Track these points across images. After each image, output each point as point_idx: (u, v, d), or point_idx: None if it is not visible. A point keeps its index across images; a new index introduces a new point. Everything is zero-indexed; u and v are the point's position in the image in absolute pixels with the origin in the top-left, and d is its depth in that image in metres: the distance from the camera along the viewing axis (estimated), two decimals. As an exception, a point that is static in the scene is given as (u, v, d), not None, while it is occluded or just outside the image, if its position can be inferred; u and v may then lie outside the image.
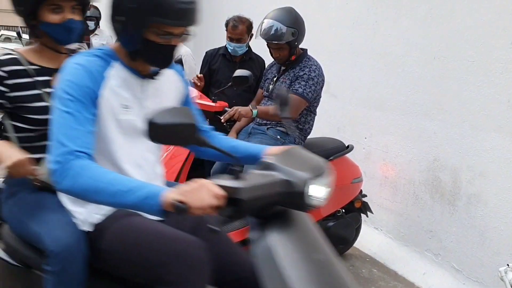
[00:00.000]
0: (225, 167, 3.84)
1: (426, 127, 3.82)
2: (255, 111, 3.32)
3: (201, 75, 4.13)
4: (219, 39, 4.91)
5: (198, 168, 4.12)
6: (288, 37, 3.40)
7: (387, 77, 4.20)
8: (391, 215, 4.22)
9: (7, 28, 22.47)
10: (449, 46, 3.61)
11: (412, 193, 3.97)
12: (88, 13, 7.05)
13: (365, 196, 4.10)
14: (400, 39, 4.06)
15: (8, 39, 17.30)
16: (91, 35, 7.24)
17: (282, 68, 3.67)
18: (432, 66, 3.75)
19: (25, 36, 10.87)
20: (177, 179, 3.43)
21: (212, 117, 3.49)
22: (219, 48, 4.36)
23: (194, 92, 3.52)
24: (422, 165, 3.86)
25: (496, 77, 3.25)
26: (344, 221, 3.94)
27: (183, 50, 4.99)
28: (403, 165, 4.06)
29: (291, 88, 3.48)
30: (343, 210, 3.99)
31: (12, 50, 2.22)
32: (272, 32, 3.41)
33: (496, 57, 3.25)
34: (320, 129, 4.77)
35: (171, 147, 3.47)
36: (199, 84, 4.04)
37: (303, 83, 3.46)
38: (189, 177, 3.83)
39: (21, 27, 8.92)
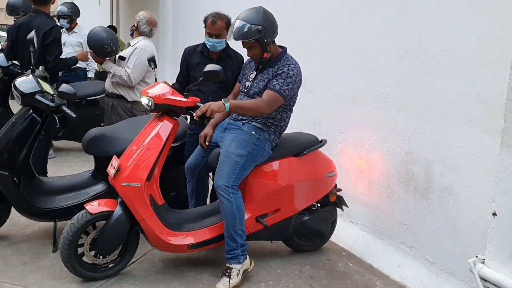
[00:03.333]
0: (198, 162, 3.85)
1: (399, 121, 3.85)
2: (227, 104, 3.32)
3: (165, 81, 4.11)
4: (199, 36, 4.89)
5: (178, 164, 4.14)
6: (254, 34, 3.42)
7: (361, 72, 4.22)
8: (366, 209, 4.25)
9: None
10: (420, 40, 3.64)
11: (386, 187, 4.00)
12: (61, 12, 7.02)
13: (340, 190, 4.13)
14: (373, 34, 4.09)
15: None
16: (69, 33, 7.20)
17: (261, 66, 3.67)
18: (404, 61, 3.78)
19: (1, 34, 10.80)
20: (151, 171, 3.43)
21: (185, 112, 3.49)
22: (198, 45, 4.35)
23: (166, 88, 3.51)
24: (395, 159, 3.90)
25: (465, 71, 3.29)
26: (319, 215, 3.98)
27: (140, 44, 4.99)
28: (377, 159, 4.09)
29: (268, 85, 3.48)
30: (318, 204, 4.03)
31: None
32: (239, 31, 3.44)
33: (465, 51, 3.29)
34: (296, 124, 4.78)
35: (146, 141, 3.47)
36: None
37: (281, 80, 3.47)
38: (167, 172, 3.84)
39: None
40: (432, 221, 3.58)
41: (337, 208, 4.12)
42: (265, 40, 3.47)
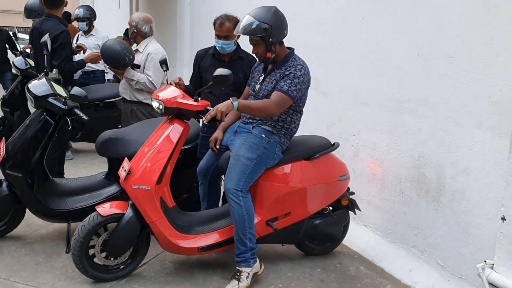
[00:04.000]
0: (210, 166, 3.86)
1: (411, 124, 3.81)
2: (235, 103, 3.31)
3: (179, 77, 4.14)
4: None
5: (190, 166, 4.16)
6: (260, 32, 3.41)
7: (374, 74, 4.20)
8: (379, 212, 4.22)
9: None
10: (432, 42, 3.60)
11: (398, 190, 3.96)
12: (80, 15, 7.11)
13: (352, 193, 4.10)
14: (386, 36, 4.06)
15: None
16: (86, 36, 7.29)
17: (269, 68, 3.67)
18: (416, 63, 3.74)
19: (21, 36, 10.99)
20: (162, 174, 3.45)
21: (195, 116, 3.50)
22: (209, 48, 4.37)
23: (177, 92, 3.53)
24: (408, 162, 3.86)
25: (477, 73, 3.24)
26: (331, 219, 3.95)
27: (151, 48, 5.01)
28: (390, 162, 4.06)
29: (276, 86, 3.48)
30: (330, 208, 4.00)
31: None
32: (246, 27, 3.43)
33: (477, 53, 3.24)
34: (309, 127, 4.78)
35: (156, 144, 3.49)
36: (179, 83, 4.05)
37: (288, 81, 3.46)
38: (179, 174, 3.87)
39: (17, 27, 9.01)
40: (444, 225, 3.53)
41: (350, 212, 4.10)
42: (270, 39, 3.46)
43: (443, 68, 3.50)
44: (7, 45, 8.89)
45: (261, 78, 3.69)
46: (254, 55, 3.64)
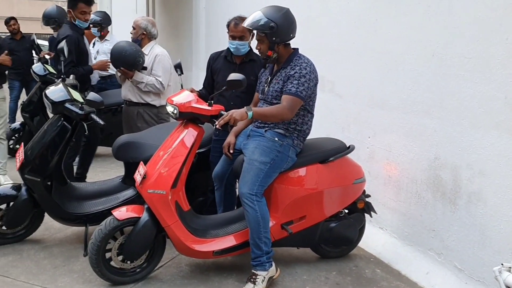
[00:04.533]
0: (225, 171, 3.87)
1: (426, 125, 3.79)
2: (250, 113, 3.32)
3: (191, 88, 4.16)
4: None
5: (204, 169, 4.18)
6: (265, 28, 3.43)
7: (389, 76, 4.18)
8: (395, 215, 4.19)
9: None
10: (447, 43, 3.58)
11: (414, 192, 3.94)
12: (93, 20, 7.18)
13: (368, 196, 4.09)
14: (400, 38, 4.04)
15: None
16: (101, 41, 7.35)
17: (274, 69, 3.68)
18: (431, 64, 3.72)
19: (40, 42, 11.11)
20: (177, 178, 3.48)
21: (209, 120, 3.52)
22: (222, 51, 4.39)
23: (191, 96, 3.55)
24: (423, 164, 3.83)
25: (492, 73, 3.21)
26: (346, 222, 3.94)
27: (158, 50, 5.04)
28: (406, 164, 4.03)
29: (284, 89, 3.48)
30: (346, 211, 3.99)
31: None
32: (253, 21, 3.47)
33: (493, 53, 3.21)
34: (325, 129, 4.78)
35: (171, 148, 3.52)
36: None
37: (295, 82, 3.45)
38: (194, 177, 3.89)
39: (35, 34, 9.10)
40: (461, 228, 3.50)
41: (366, 214, 4.08)
42: (274, 38, 3.47)
43: (458, 69, 3.47)
44: (34, 53, 8.75)
45: (268, 80, 3.70)
46: (257, 50, 3.65)
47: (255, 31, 3.63)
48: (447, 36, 3.57)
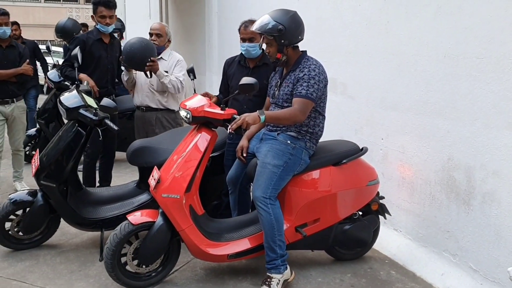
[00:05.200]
0: (239, 174, 3.89)
1: (439, 126, 3.78)
2: (262, 117, 3.34)
3: (206, 92, 4.19)
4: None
5: (218, 173, 4.21)
6: (273, 31, 3.46)
7: (401, 77, 4.17)
8: (409, 216, 4.18)
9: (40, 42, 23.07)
10: (458, 43, 3.56)
11: (428, 193, 3.93)
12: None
13: (382, 198, 4.08)
14: (412, 39, 4.03)
15: (45, 53, 17.82)
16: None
17: (284, 72, 3.69)
18: (443, 65, 3.71)
19: (54, 49, 11.24)
20: (190, 182, 3.50)
21: (222, 124, 3.54)
22: (236, 56, 4.42)
23: (204, 101, 3.58)
24: (437, 165, 3.82)
25: (505, 73, 3.20)
26: (361, 224, 3.93)
27: (178, 56, 5.06)
28: (419, 165, 4.02)
29: (294, 92, 3.49)
30: (360, 213, 3.98)
31: None
32: (262, 24, 3.51)
33: (505, 53, 3.20)
34: (338, 131, 4.79)
35: (185, 153, 3.54)
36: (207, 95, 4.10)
37: (304, 84, 3.47)
38: (208, 181, 3.91)
39: (50, 41, 9.17)
40: (475, 228, 3.49)
41: (380, 216, 4.07)
42: (282, 41, 3.49)
43: (471, 69, 3.46)
44: (37, 61, 8.47)
45: (278, 84, 3.71)
46: (267, 53, 3.67)
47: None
48: (459, 36, 3.56)
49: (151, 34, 5.06)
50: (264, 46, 3.70)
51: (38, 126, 6.78)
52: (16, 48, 5.50)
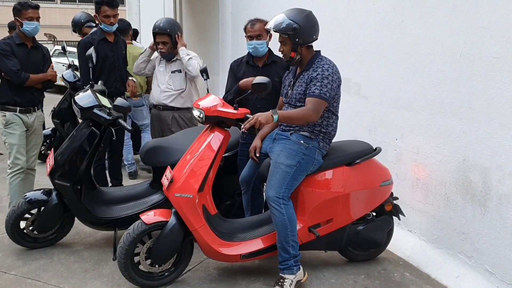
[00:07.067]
0: (252, 174, 3.88)
1: (455, 127, 3.73)
2: (276, 116, 3.32)
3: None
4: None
5: (231, 173, 4.20)
6: (288, 30, 3.45)
7: (415, 77, 4.13)
8: (424, 217, 4.14)
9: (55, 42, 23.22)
10: (474, 43, 3.52)
11: (443, 194, 3.88)
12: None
13: (396, 198, 4.05)
14: (426, 38, 3.99)
15: (61, 53, 17.98)
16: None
17: (297, 72, 3.68)
18: (458, 64, 3.67)
19: (70, 49, 11.31)
20: (203, 182, 3.50)
21: (235, 124, 3.53)
22: (242, 57, 4.40)
23: (217, 100, 3.57)
24: (452, 166, 3.78)
25: (522, 73, 3.16)
26: (374, 225, 3.90)
27: (192, 53, 5.07)
28: (434, 166, 3.98)
29: (307, 91, 3.48)
30: (374, 214, 3.95)
31: None
32: (277, 23, 3.50)
33: (521, 52, 3.16)
34: (351, 132, 4.76)
35: (198, 152, 3.54)
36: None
37: (318, 84, 3.45)
38: (221, 181, 3.90)
39: (65, 41, 9.22)
40: (491, 230, 3.44)
41: (394, 217, 4.04)
42: (297, 39, 3.48)
43: (486, 69, 3.42)
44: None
45: (291, 83, 3.70)
46: (280, 52, 3.65)
47: (273, 33, 3.64)
48: (474, 35, 3.52)
49: (157, 43, 5.17)
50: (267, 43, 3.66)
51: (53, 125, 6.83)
52: (40, 50, 4.84)
